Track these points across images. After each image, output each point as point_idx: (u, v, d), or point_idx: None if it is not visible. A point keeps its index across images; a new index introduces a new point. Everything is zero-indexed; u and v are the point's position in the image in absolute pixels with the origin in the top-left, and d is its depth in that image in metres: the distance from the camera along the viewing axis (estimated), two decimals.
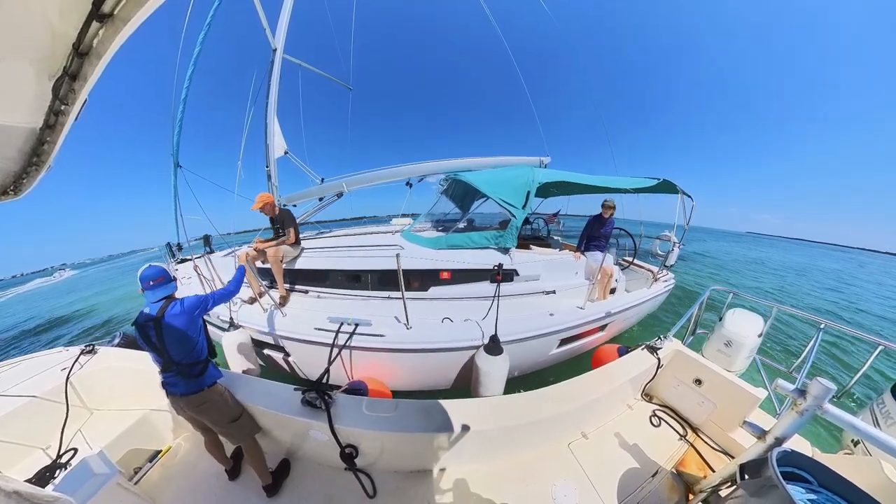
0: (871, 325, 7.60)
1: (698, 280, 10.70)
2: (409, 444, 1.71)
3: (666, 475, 1.80)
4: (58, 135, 0.63)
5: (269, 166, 4.46)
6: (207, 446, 1.75)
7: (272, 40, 4.48)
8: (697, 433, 2.08)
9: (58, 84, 0.54)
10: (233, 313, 2.94)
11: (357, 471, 1.71)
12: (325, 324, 2.66)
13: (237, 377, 2.04)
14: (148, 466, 1.85)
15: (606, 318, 3.31)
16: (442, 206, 4.76)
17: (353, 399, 1.85)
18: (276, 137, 4.48)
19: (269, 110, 4.43)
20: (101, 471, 1.45)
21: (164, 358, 1.45)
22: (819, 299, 9.91)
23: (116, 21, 0.50)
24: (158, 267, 1.49)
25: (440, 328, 2.80)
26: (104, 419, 2.17)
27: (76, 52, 0.51)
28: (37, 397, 1.95)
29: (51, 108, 0.57)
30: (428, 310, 3.10)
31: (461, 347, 2.66)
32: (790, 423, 1.15)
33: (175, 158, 3.75)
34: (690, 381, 2.16)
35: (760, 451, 1.24)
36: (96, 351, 2.39)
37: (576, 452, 1.91)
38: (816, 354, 1.99)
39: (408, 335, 2.65)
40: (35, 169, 0.69)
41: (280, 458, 1.92)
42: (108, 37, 0.51)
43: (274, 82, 4.43)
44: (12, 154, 0.63)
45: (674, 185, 4.09)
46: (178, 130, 3.92)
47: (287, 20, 4.65)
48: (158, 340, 1.42)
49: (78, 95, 0.57)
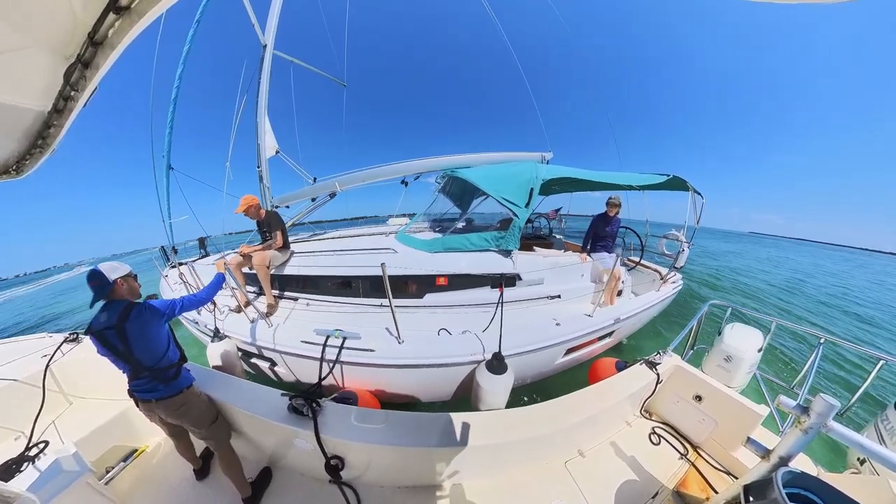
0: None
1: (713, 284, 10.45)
2: (398, 458, 1.64)
3: (667, 496, 1.72)
4: (65, 119, 0.64)
5: (261, 166, 4.30)
6: (179, 450, 1.70)
7: (262, 36, 4.24)
8: (699, 452, 2.01)
9: (70, 70, 0.55)
10: (218, 322, 2.81)
11: (342, 484, 1.62)
12: (312, 336, 2.52)
13: (216, 376, 1.97)
14: (121, 466, 1.78)
15: (615, 324, 3.11)
16: (439, 206, 4.47)
17: (342, 408, 1.78)
18: (267, 136, 4.31)
19: (259, 108, 4.24)
20: (70, 468, 1.38)
21: (133, 364, 1.37)
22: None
23: (133, 14, 0.52)
24: (95, 269, 1.36)
25: (436, 342, 2.59)
26: (83, 410, 2.10)
27: (91, 41, 0.52)
28: (17, 381, 1.90)
29: (61, 93, 0.58)
30: (423, 319, 2.94)
31: (459, 363, 2.47)
32: (794, 442, 1.10)
33: (167, 160, 3.66)
34: (690, 397, 2.10)
35: (764, 471, 1.19)
36: (80, 340, 2.33)
37: (572, 471, 1.83)
38: (818, 369, 1.96)
39: (400, 350, 2.46)
40: (39, 151, 0.70)
41: (261, 467, 1.84)
42: (123, 29, 0.53)
43: (264, 79, 4.21)
44: (18, 134, 0.64)
45: (684, 181, 3.89)
46: (170, 132, 3.80)
47: (277, 15, 4.39)
48: (124, 346, 1.34)
49: (88, 83, 0.58)
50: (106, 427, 1.86)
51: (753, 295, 9.41)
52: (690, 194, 4.02)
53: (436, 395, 2.78)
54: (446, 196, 4.48)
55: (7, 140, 0.65)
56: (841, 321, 7.87)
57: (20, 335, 2.54)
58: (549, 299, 3.38)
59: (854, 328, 7.39)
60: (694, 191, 3.98)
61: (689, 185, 3.93)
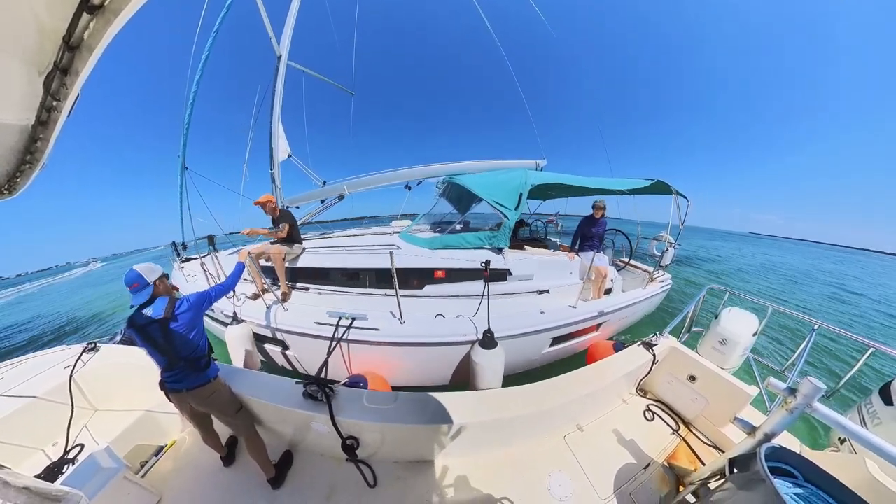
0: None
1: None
2: (409, 435, 1.75)
3: (657, 467, 1.85)
4: (51, 131, 0.61)
5: (273, 169, 4.58)
6: (205, 439, 1.81)
7: (277, 47, 4.59)
8: (689, 428, 2.13)
9: (49, 79, 0.52)
10: (236, 308, 3.02)
11: (358, 461, 1.75)
12: (324, 318, 2.75)
13: (236, 371, 2.07)
14: (154, 460, 1.89)
15: (599, 317, 3.37)
16: (440, 209, 4.89)
17: (354, 392, 1.89)
18: (280, 141, 4.59)
19: (273, 114, 4.54)
20: (108, 465, 1.48)
21: (170, 356, 1.46)
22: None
23: (107, 13, 0.48)
24: (134, 272, 1.45)
25: (433, 323, 2.89)
26: (108, 416, 2.20)
27: (67, 46, 0.49)
28: (37, 397, 1.97)
29: (42, 104, 0.55)
30: (423, 307, 3.17)
31: (454, 342, 2.76)
32: (779, 420, 1.18)
33: (182, 160, 3.85)
34: (684, 377, 2.20)
35: (750, 446, 1.28)
36: (98, 349, 2.41)
37: (571, 444, 1.96)
38: (809, 353, 2.03)
39: (401, 329, 2.74)
40: (29, 167, 0.66)
41: (283, 451, 1.96)
42: (99, 29, 0.49)
43: (279, 88, 4.57)
44: (4, 152, 0.61)
45: (667, 185, 4.14)
46: (186, 133, 4.02)
47: (292, 28, 4.79)
48: (166, 340, 1.43)
49: (70, 90, 0.55)
50: (134, 427, 1.97)
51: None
52: (674, 197, 4.29)
53: (435, 377, 3.02)
54: (446, 200, 4.86)
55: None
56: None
57: (44, 348, 2.59)
58: (538, 294, 3.63)
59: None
60: (677, 193, 4.24)
61: (673, 189, 4.21)
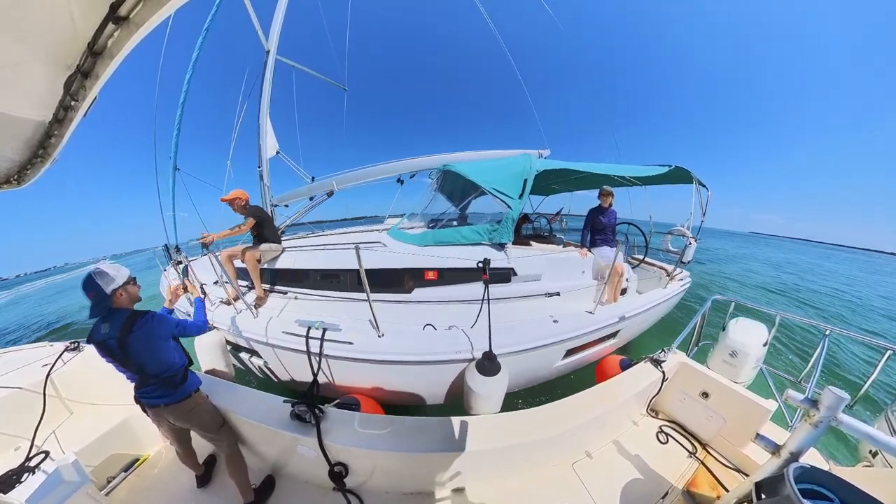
0: None
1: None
2: (403, 464, 1.62)
3: (677, 495, 1.69)
4: (65, 129, 0.65)
5: (261, 166, 4.39)
6: (181, 457, 1.68)
7: (265, 42, 4.39)
8: (707, 449, 1.98)
9: (70, 80, 0.55)
10: (208, 313, 2.83)
11: (346, 491, 1.60)
12: (293, 328, 2.41)
13: (219, 384, 1.97)
14: (122, 476, 1.76)
15: (619, 322, 2.91)
16: (435, 203, 4.34)
17: (345, 414, 1.77)
18: (268, 137, 4.41)
19: (261, 110, 4.36)
20: (71, 478, 1.36)
21: (139, 373, 1.36)
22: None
23: (131, 24, 0.52)
24: (91, 278, 1.27)
25: (419, 336, 2.41)
26: (84, 419, 2.08)
27: (90, 51, 0.53)
28: (21, 389, 1.90)
29: (61, 103, 0.59)
30: (410, 314, 2.76)
31: (444, 361, 2.27)
32: (805, 436, 1.09)
33: (174, 161, 3.75)
34: (697, 394, 2.07)
35: (775, 467, 1.17)
36: (81, 348, 2.32)
37: (580, 473, 1.80)
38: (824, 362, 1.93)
39: (378, 344, 2.30)
40: (40, 161, 0.71)
41: (265, 475, 1.82)
42: (122, 38, 0.53)
43: (267, 83, 4.37)
44: (18, 144, 0.65)
45: (688, 172, 3.62)
46: (177, 133, 3.94)
47: (280, 22, 4.58)
48: (126, 357, 1.31)
49: (88, 92, 0.59)
50: (107, 436, 1.85)
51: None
52: (695, 186, 3.78)
53: (427, 396, 2.63)
54: (441, 193, 4.38)
55: (8, 150, 0.66)
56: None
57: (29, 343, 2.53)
58: (546, 296, 3.14)
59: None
60: (699, 182, 3.73)
61: (694, 177, 3.69)
